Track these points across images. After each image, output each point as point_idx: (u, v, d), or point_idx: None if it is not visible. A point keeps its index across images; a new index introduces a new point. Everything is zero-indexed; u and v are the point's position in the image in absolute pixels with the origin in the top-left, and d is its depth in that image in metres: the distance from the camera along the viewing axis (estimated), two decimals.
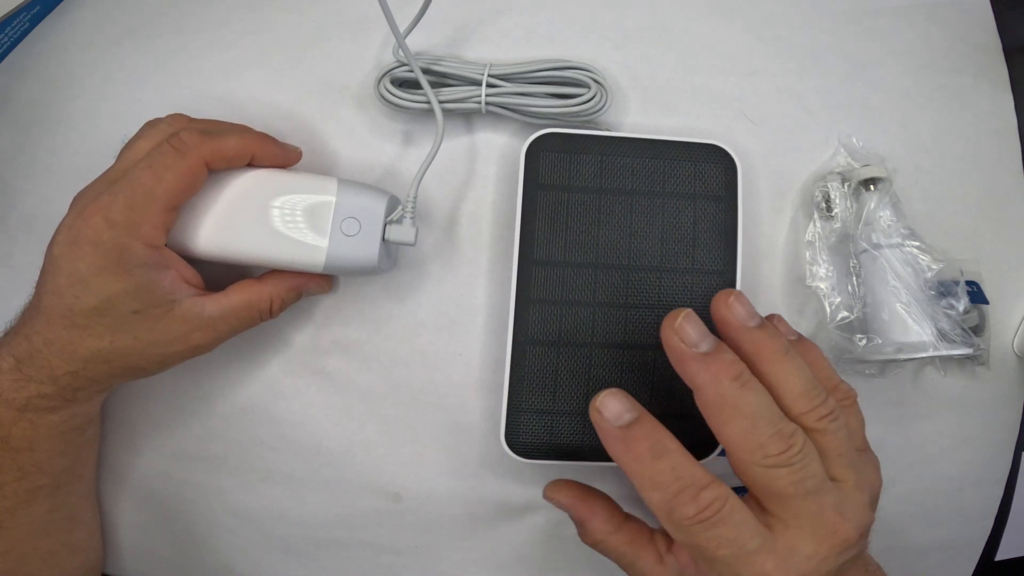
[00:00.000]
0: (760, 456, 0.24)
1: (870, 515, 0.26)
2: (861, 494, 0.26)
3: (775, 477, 0.25)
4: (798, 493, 0.25)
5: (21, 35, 0.38)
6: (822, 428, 0.26)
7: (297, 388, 0.36)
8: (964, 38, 0.40)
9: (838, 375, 0.29)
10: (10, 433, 0.29)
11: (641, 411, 0.26)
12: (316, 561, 0.37)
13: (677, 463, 0.25)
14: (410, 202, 0.32)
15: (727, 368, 0.25)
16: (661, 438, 0.25)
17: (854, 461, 0.26)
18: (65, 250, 0.28)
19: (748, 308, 0.27)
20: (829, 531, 0.25)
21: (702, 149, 0.35)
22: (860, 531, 0.26)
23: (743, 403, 0.25)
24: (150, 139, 0.30)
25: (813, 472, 0.25)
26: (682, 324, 0.26)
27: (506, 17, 0.39)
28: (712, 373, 0.25)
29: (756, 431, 0.24)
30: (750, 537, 0.25)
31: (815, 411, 0.26)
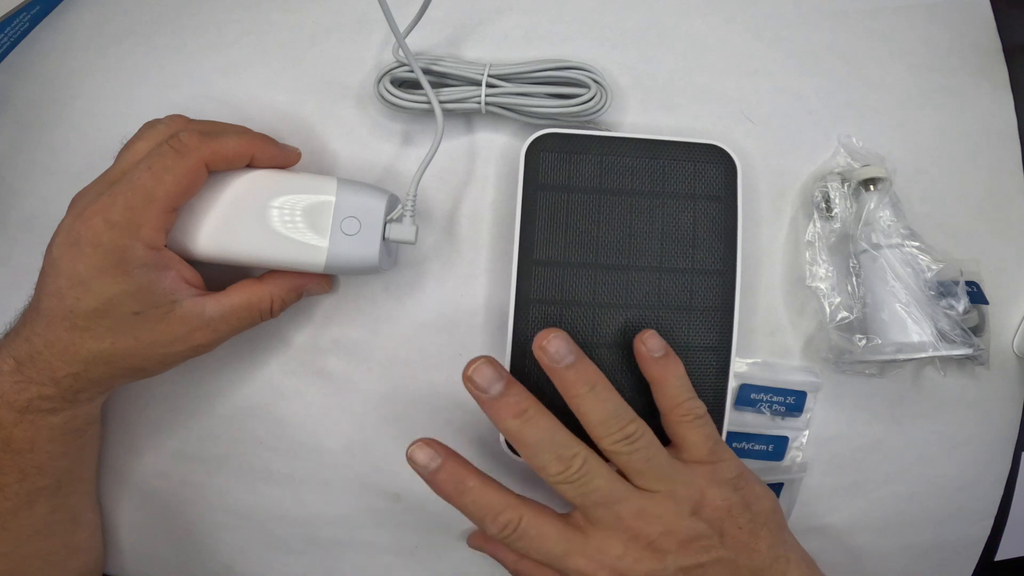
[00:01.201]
0: (546, 475, 0.29)
1: (689, 523, 0.29)
2: (675, 503, 0.29)
3: (564, 491, 0.29)
4: (586, 504, 0.29)
5: (21, 35, 0.38)
6: (616, 451, 0.29)
7: (297, 388, 0.36)
8: (964, 38, 0.40)
9: (687, 392, 0.31)
10: (11, 435, 0.29)
11: (446, 456, 0.29)
12: (316, 561, 0.37)
13: (477, 496, 0.29)
14: (410, 200, 0.32)
15: (509, 408, 0.29)
16: (462, 477, 0.29)
17: (666, 474, 0.29)
18: (65, 251, 0.28)
19: (560, 348, 0.29)
20: (631, 534, 0.28)
21: (702, 149, 0.35)
22: (675, 536, 0.28)
23: (524, 436, 0.29)
24: (149, 140, 0.30)
25: (596, 487, 0.28)
26: (472, 374, 0.29)
27: (506, 17, 0.39)
28: (497, 413, 0.29)
29: (538, 457, 0.29)
30: (552, 544, 0.28)
31: (608, 437, 0.29)
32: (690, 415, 0.31)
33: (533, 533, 0.29)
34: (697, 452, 0.31)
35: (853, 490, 0.37)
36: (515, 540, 0.29)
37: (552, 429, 0.29)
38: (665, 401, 0.31)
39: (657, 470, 0.29)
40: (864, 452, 0.37)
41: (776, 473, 0.37)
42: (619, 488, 0.29)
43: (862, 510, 0.37)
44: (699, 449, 0.31)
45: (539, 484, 0.34)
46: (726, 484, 0.30)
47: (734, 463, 0.31)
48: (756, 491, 0.31)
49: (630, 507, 0.29)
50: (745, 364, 0.37)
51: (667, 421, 0.32)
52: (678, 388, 0.31)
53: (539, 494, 0.31)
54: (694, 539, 0.29)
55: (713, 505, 0.29)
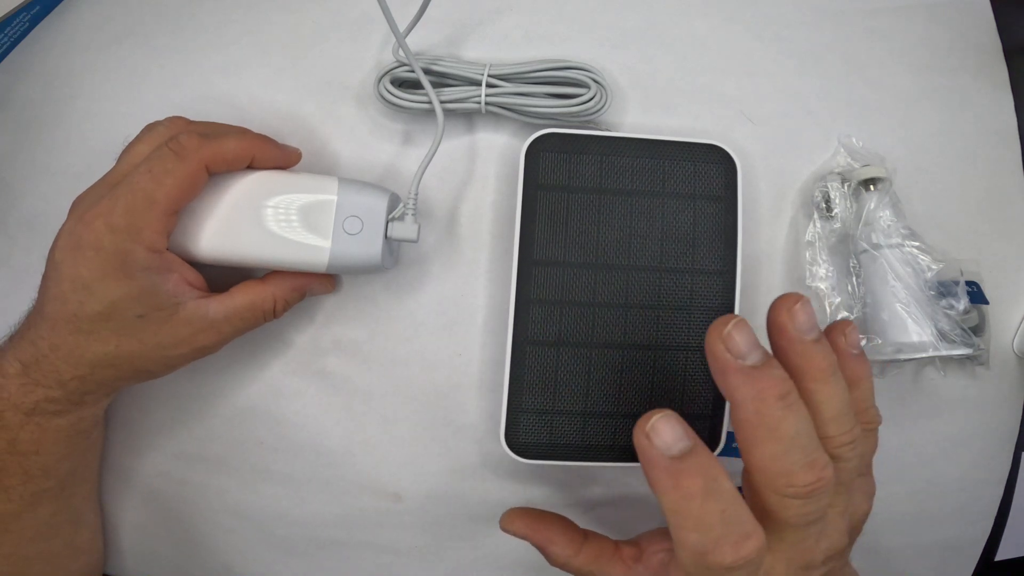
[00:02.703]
0: (784, 483, 0.23)
1: (844, 540, 0.26)
2: (842, 520, 0.25)
3: (787, 506, 0.23)
4: (800, 524, 0.23)
5: (21, 35, 0.38)
6: (840, 455, 0.24)
7: (297, 388, 0.36)
8: (964, 38, 0.40)
9: (872, 398, 0.28)
10: (17, 437, 0.29)
11: (696, 440, 0.23)
12: (316, 561, 0.37)
13: (729, 506, 0.22)
14: (411, 199, 0.32)
15: (774, 386, 0.23)
16: (716, 475, 0.23)
17: (850, 487, 0.26)
18: (67, 256, 0.28)
19: (811, 319, 0.24)
20: (803, 556, 0.24)
21: (702, 149, 0.35)
22: (828, 555, 0.25)
23: (783, 426, 0.22)
24: (149, 143, 0.30)
25: (821, 506, 0.23)
26: (731, 332, 0.23)
27: (506, 17, 0.39)
28: (756, 389, 0.23)
29: (788, 458, 0.23)
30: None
31: (842, 437, 0.24)
32: (872, 424, 0.27)
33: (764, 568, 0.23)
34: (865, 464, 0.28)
35: None
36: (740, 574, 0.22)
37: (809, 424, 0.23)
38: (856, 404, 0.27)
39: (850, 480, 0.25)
40: None
41: None
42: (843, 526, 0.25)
43: None
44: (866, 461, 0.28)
45: (540, 496, 0.33)
46: (870, 499, 0.28)
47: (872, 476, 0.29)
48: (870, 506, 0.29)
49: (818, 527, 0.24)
50: None
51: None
52: (868, 392, 0.27)
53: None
54: (837, 556, 0.26)
55: (859, 521, 0.27)
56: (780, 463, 0.23)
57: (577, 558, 0.29)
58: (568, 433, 0.33)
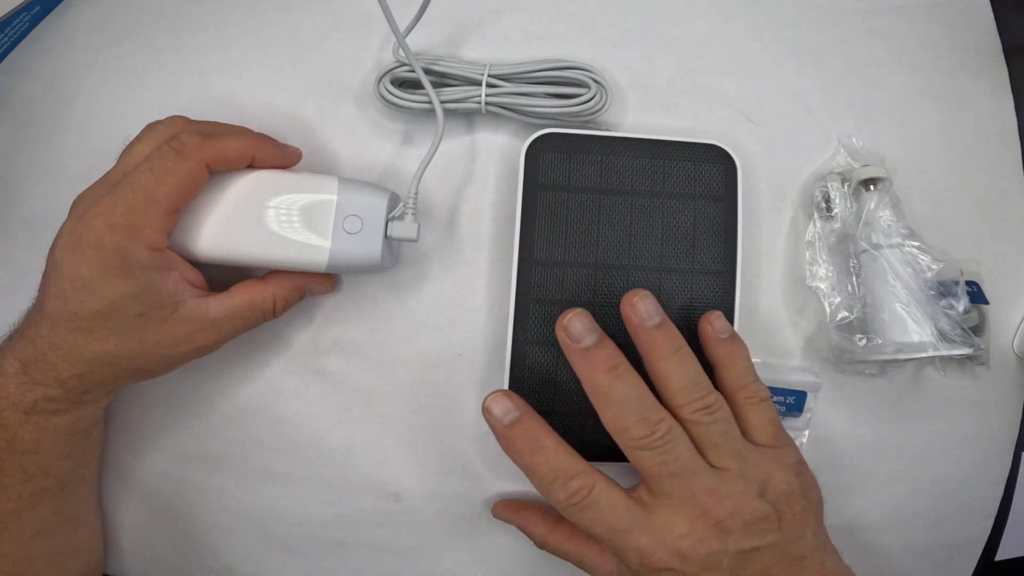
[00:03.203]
0: (627, 439, 0.28)
1: (756, 504, 0.28)
2: (745, 483, 0.28)
3: (641, 458, 0.28)
4: (663, 474, 0.28)
5: (21, 35, 0.38)
6: (695, 420, 0.28)
7: (297, 388, 0.36)
8: (964, 38, 0.40)
9: (752, 375, 0.31)
10: (16, 436, 0.29)
11: (524, 410, 0.29)
12: (316, 561, 0.37)
13: (550, 456, 0.28)
14: (411, 198, 0.32)
15: (602, 361, 0.28)
16: (539, 435, 0.28)
17: (738, 451, 0.29)
18: (67, 254, 0.28)
19: (650, 308, 0.29)
20: (699, 511, 0.27)
21: (702, 149, 0.35)
22: (741, 517, 0.28)
23: (612, 392, 0.28)
24: (150, 142, 0.30)
25: (677, 456, 0.28)
26: (570, 320, 0.29)
27: (506, 17, 0.39)
28: (589, 365, 0.29)
29: (622, 417, 0.28)
30: (619, 518, 0.27)
31: (690, 404, 0.29)
32: (755, 397, 0.31)
33: (603, 504, 0.28)
34: (762, 435, 0.30)
35: (853, 490, 0.37)
36: (581, 510, 0.27)
37: (641, 389, 0.28)
38: (730, 382, 0.31)
39: (732, 445, 0.29)
40: (864, 452, 0.37)
41: None
42: (698, 461, 0.28)
43: (862, 510, 0.37)
44: (764, 432, 0.30)
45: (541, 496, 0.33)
46: (789, 468, 0.30)
47: (794, 449, 0.31)
48: (811, 480, 0.31)
49: (703, 483, 0.28)
50: None
51: (731, 403, 0.31)
52: (744, 370, 0.31)
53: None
54: (758, 521, 0.28)
55: (777, 488, 0.29)
56: (618, 422, 0.28)
57: (551, 536, 0.32)
58: (568, 433, 0.33)
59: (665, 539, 0.27)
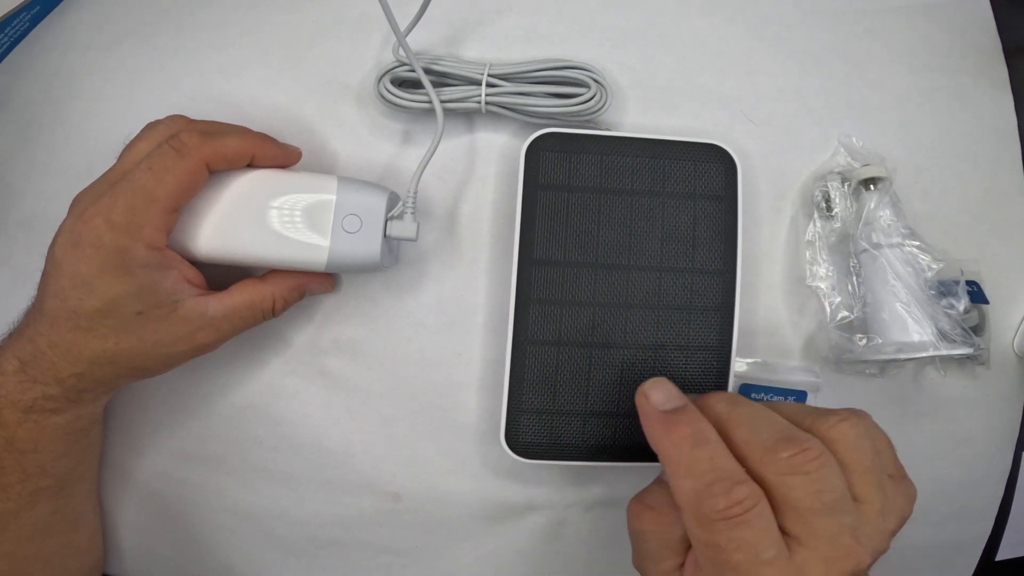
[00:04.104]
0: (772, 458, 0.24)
1: (886, 543, 0.25)
2: (884, 521, 0.25)
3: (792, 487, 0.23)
4: (815, 507, 0.23)
5: (21, 35, 0.38)
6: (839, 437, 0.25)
7: (297, 388, 0.36)
8: (964, 38, 0.40)
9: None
10: (15, 435, 0.29)
11: (686, 401, 0.27)
12: (316, 561, 0.37)
13: (716, 454, 0.24)
14: (410, 197, 0.32)
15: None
16: (703, 428, 0.25)
17: (882, 482, 0.25)
18: (67, 252, 0.28)
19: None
20: (842, 554, 0.24)
21: (702, 149, 0.35)
22: (873, 558, 0.24)
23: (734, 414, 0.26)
24: (149, 141, 0.30)
25: (833, 486, 0.24)
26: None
27: (506, 17, 0.39)
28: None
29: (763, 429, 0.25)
30: (768, 545, 0.23)
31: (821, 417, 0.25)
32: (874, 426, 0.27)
33: (763, 524, 0.23)
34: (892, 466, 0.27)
35: None
36: (736, 525, 0.23)
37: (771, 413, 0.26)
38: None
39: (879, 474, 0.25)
40: None
41: None
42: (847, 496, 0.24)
43: None
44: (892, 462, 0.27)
45: (541, 496, 0.33)
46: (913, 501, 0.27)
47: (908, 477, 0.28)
48: None
49: (848, 519, 0.24)
50: (745, 364, 0.37)
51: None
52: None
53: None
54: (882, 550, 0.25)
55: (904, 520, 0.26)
56: (753, 440, 0.25)
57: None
58: (568, 433, 0.33)
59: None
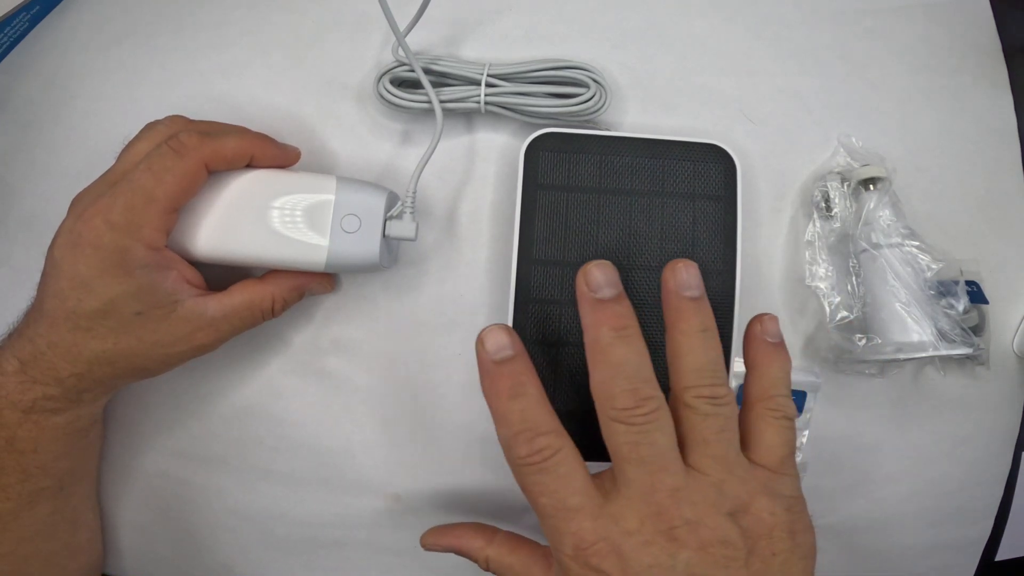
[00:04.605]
0: (608, 407, 0.25)
1: (721, 523, 0.24)
2: (717, 494, 0.25)
3: (615, 432, 0.25)
4: (631, 456, 0.25)
5: (21, 35, 0.38)
6: (695, 406, 0.26)
7: (297, 388, 0.36)
8: (964, 38, 0.40)
9: (785, 389, 0.28)
10: (15, 435, 0.29)
11: (518, 352, 0.26)
12: (316, 561, 0.37)
13: (528, 406, 0.26)
14: (409, 197, 0.32)
15: (613, 318, 0.26)
16: (524, 380, 0.26)
17: (726, 458, 0.25)
18: (66, 253, 0.28)
19: (691, 279, 0.27)
20: (655, 510, 0.24)
21: (702, 149, 0.35)
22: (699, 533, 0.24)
23: (612, 353, 0.25)
24: (149, 141, 0.30)
25: (653, 440, 0.25)
26: (591, 269, 0.26)
27: (506, 17, 0.39)
28: (597, 317, 0.26)
29: (613, 381, 0.25)
30: (572, 492, 0.25)
31: (697, 388, 0.26)
32: (779, 411, 0.27)
33: (562, 471, 0.25)
34: (767, 455, 0.27)
35: (853, 490, 0.37)
36: (537, 471, 0.25)
37: (642, 357, 0.26)
38: (758, 389, 0.28)
39: (721, 448, 0.25)
40: (864, 452, 0.37)
41: None
42: (672, 455, 0.25)
43: (862, 510, 0.37)
44: (771, 453, 0.27)
45: None
46: (780, 499, 0.26)
47: (797, 484, 0.27)
48: (806, 523, 0.26)
49: (670, 480, 0.25)
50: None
51: (750, 413, 0.28)
52: (778, 380, 0.28)
53: None
54: (719, 544, 0.24)
55: (757, 516, 0.25)
56: (606, 386, 0.25)
57: (491, 549, 0.29)
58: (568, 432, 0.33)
59: (610, 532, 0.24)
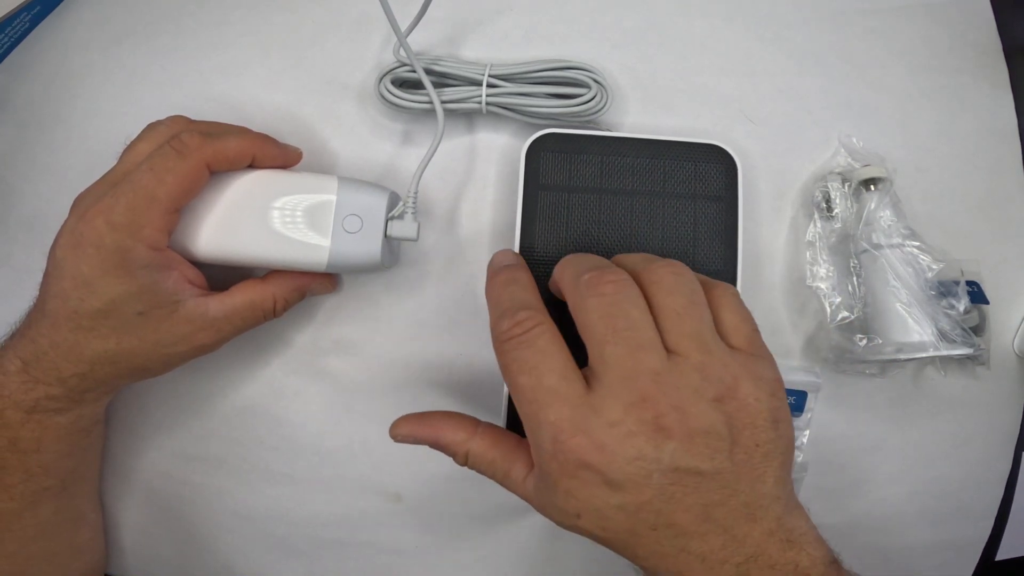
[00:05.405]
0: (577, 283, 0.25)
1: (706, 410, 0.23)
2: (701, 379, 0.23)
3: (588, 309, 0.24)
4: (608, 333, 0.23)
5: (21, 35, 0.38)
6: (660, 279, 0.25)
7: (297, 388, 0.36)
8: (964, 38, 0.40)
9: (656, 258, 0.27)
10: (18, 435, 0.29)
11: (520, 261, 0.29)
12: (316, 561, 0.37)
13: (518, 291, 0.27)
14: (411, 197, 0.32)
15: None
16: (519, 275, 0.28)
17: (703, 336, 0.24)
18: (68, 253, 0.28)
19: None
20: (638, 397, 0.22)
21: (702, 149, 0.35)
22: (686, 420, 0.22)
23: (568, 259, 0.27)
24: (150, 141, 0.30)
25: (627, 313, 0.24)
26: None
27: (506, 17, 0.39)
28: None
29: (574, 266, 0.26)
30: (550, 370, 0.23)
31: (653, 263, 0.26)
32: (728, 292, 0.26)
33: (541, 344, 0.24)
34: (736, 334, 0.25)
35: (853, 490, 0.37)
36: (517, 346, 0.24)
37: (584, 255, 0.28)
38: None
39: (697, 325, 0.24)
40: (864, 452, 0.37)
41: None
42: (649, 333, 0.23)
43: (862, 510, 0.37)
44: (738, 331, 0.25)
45: None
46: (763, 383, 0.24)
47: (774, 364, 0.25)
48: (786, 412, 0.25)
49: (651, 362, 0.23)
50: None
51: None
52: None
53: None
54: (705, 433, 0.23)
55: (742, 402, 0.23)
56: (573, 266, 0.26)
57: (474, 443, 0.27)
58: None
59: (590, 422, 0.22)
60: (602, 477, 0.22)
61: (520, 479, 0.26)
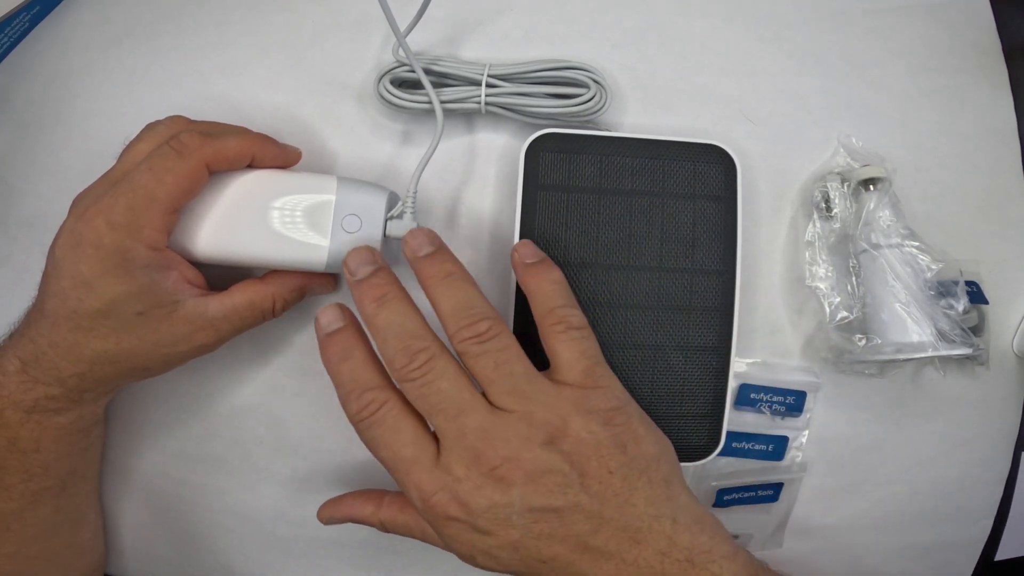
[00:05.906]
0: (392, 369, 0.26)
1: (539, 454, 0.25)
2: (528, 427, 0.25)
3: (407, 391, 0.26)
4: (426, 410, 0.26)
5: (21, 35, 0.38)
6: (464, 350, 0.26)
7: (297, 388, 0.36)
8: (964, 38, 0.40)
9: (562, 300, 0.28)
10: (18, 435, 0.29)
11: (348, 322, 0.28)
12: (316, 561, 0.37)
13: (356, 367, 0.27)
14: (410, 197, 0.32)
15: (369, 291, 0.27)
16: (352, 346, 0.27)
17: (518, 389, 0.26)
18: (67, 253, 0.28)
19: (424, 239, 0.29)
20: (472, 455, 0.25)
21: (702, 149, 0.35)
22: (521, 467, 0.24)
23: (377, 321, 0.27)
24: (150, 141, 0.30)
25: (438, 389, 0.25)
26: (348, 259, 0.28)
27: (506, 17, 0.39)
28: (360, 297, 0.27)
29: (387, 346, 0.26)
30: (403, 444, 0.26)
31: (459, 332, 0.26)
32: (562, 324, 0.27)
33: (390, 423, 0.26)
34: (569, 372, 0.27)
35: (853, 490, 0.37)
36: (369, 426, 0.26)
37: (406, 316, 0.27)
38: (538, 310, 0.28)
39: (509, 381, 0.26)
40: (864, 452, 0.37)
41: (776, 473, 0.37)
42: (465, 397, 0.26)
43: (862, 510, 0.37)
44: (571, 368, 0.27)
45: None
46: (594, 415, 0.26)
47: (613, 393, 0.27)
48: (637, 432, 0.26)
49: (475, 422, 0.25)
50: (745, 364, 0.37)
51: (540, 334, 0.28)
52: (550, 294, 0.28)
53: None
54: (544, 473, 0.25)
55: (576, 438, 0.25)
56: (383, 351, 0.27)
57: (382, 510, 0.30)
58: None
59: (445, 481, 0.25)
60: (470, 526, 0.25)
61: (435, 535, 0.28)
